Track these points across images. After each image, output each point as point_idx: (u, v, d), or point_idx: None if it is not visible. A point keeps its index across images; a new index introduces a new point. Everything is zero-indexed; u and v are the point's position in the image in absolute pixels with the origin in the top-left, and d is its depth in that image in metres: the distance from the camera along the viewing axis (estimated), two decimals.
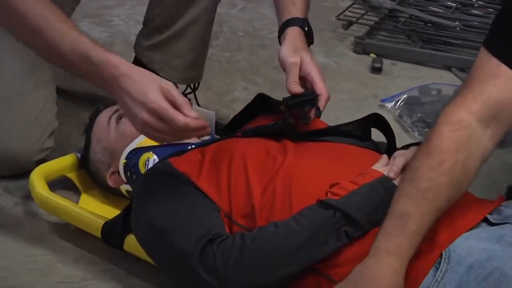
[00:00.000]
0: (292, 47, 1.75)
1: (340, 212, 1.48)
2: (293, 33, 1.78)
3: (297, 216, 1.51)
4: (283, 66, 1.75)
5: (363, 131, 1.79)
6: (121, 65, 1.53)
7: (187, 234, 1.53)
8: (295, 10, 1.81)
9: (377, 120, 1.79)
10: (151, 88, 1.50)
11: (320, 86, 1.71)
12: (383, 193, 1.51)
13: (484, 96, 1.43)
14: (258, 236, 1.50)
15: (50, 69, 2.07)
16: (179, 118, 1.48)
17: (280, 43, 1.80)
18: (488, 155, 1.45)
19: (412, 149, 1.58)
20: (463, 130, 1.42)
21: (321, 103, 1.70)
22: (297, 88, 1.71)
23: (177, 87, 2.17)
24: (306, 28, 1.81)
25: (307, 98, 1.70)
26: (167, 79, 2.23)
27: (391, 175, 1.55)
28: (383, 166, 1.59)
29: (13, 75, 2.01)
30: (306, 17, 1.83)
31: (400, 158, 1.58)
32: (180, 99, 1.51)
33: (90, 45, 1.56)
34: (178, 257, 1.53)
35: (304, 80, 1.74)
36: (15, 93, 2.02)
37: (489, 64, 1.45)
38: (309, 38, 1.81)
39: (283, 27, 1.80)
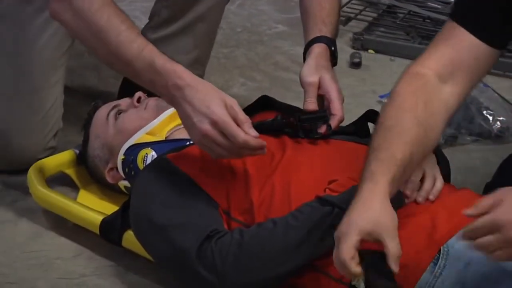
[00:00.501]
0: (314, 64, 1.77)
1: (339, 208, 1.48)
2: (320, 49, 1.80)
3: (295, 213, 1.51)
4: (301, 84, 1.77)
5: (361, 127, 1.80)
6: (186, 75, 1.56)
7: (186, 231, 1.53)
8: (325, 29, 1.83)
9: (375, 117, 1.79)
10: (215, 101, 1.52)
11: (336, 107, 1.73)
12: None
13: (439, 55, 1.50)
14: (257, 233, 1.50)
15: (63, 69, 2.07)
16: (240, 134, 1.50)
17: (304, 59, 1.82)
18: (452, 111, 1.49)
19: None
20: (420, 79, 1.48)
21: (333, 122, 1.72)
22: (313, 106, 1.74)
23: None
24: (333, 48, 1.82)
25: (320, 116, 1.72)
26: None
27: (408, 192, 1.54)
28: None
29: (29, 72, 2.01)
30: (334, 39, 1.84)
31: (417, 172, 1.56)
32: (242, 116, 1.53)
33: (155, 53, 1.59)
34: (176, 254, 1.53)
35: (322, 98, 1.76)
36: (27, 90, 2.02)
37: (446, 27, 1.52)
38: (333, 58, 1.83)
39: (310, 43, 1.82)
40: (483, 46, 1.48)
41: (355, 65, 2.82)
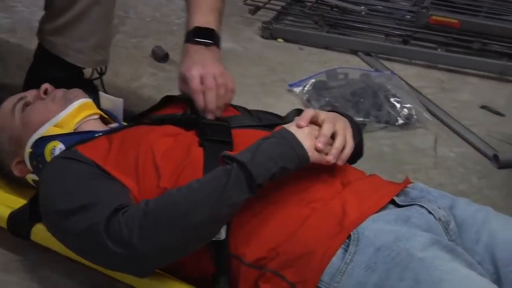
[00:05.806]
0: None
1: (237, 162, 1.46)
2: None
3: (200, 178, 1.51)
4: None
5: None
6: None
7: (93, 208, 1.50)
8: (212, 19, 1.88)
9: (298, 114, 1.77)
10: None
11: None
12: (284, 143, 1.50)
13: None
14: (161, 198, 1.49)
15: None
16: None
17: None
18: None
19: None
20: None
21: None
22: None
23: (83, 74, 2.15)
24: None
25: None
26: (74, 63, 2.20)
27: (320, 146, 1.51)
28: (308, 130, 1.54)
29: None
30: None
31: (328, 125, 1.55)
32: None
33: None
34: (86, 233, 1.50)
35: None
36: None
37: None
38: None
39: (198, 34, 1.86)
40: None
41: (161, 59, 2.79)
